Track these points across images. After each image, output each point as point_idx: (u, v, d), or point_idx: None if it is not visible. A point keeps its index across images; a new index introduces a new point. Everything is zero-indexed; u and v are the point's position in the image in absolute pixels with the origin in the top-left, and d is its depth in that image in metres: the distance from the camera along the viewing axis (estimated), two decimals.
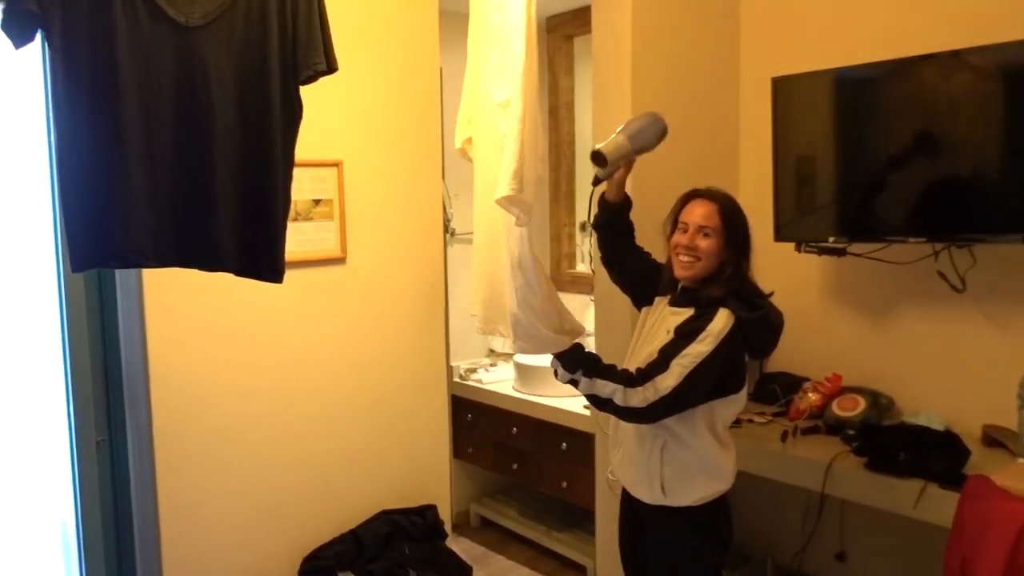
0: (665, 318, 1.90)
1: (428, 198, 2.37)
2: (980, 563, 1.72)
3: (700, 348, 1.73)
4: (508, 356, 3.80)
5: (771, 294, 1.88)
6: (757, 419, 2.68)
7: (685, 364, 1.72)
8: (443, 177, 2.69)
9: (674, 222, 1.92)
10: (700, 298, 1.83)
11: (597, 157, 1.90)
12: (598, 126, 2.85)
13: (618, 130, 1.96)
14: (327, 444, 2.20)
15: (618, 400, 1.75)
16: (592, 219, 2.13)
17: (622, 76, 2.72)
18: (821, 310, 2.88)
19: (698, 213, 1.86)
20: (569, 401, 3.19)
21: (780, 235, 2.69)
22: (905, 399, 2.63)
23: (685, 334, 1.77)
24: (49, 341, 1.94)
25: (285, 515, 2.13)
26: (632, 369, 1.82)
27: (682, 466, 1.85)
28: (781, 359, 2.98)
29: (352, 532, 2.18)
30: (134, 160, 1.30)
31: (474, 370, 3.71)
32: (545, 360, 3.48)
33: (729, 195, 1.92)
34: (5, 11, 1.23)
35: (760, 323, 1.79)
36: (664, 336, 1.83)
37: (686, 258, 1.85)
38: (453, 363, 3.70)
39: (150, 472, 1.91)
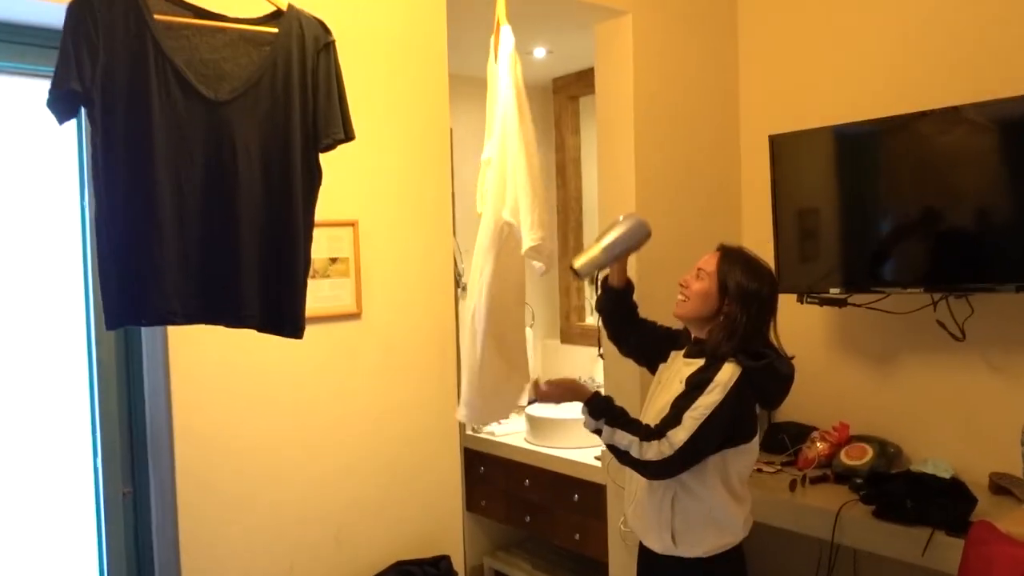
0: (679, 369, 1.95)
1: (439, 255, 2.45)
2: None
3: (709, 399, 1.77)
4: (520, 408, 3.84)
5: (792, 357, 1.91)
6: (766, 468, 2.71)
7: (696, 416, 1.76)
8: (454, 234, 2.78)
9: None
10: (707, 349, 1.89)
11: (573, 271, 2.01)
12: (603, 187, 2.96)
13: (598, 237, 2.05)
14: (343, 496, 2.24)
15: (634, 453, 1.79)
16: (596, 302, 2.21)
17: (625, 138, 2.84)
18: (827, 360, 2.92)
19: (703, 258, 1.95)
20: (581, 453, 3.22)
21: (781, 287, 2.75)
22: (913, 447, 2.65)
23: (694, 385, 1.82)
24: (78, 396, 2.02)
25: (302, 566, 2.16)
26: (648, 420, 1.88)
27: (692, 517, 1.87)
28: (789, 409, 3.00)
29: None
30: (167, 225, 1.39)
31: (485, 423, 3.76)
32: (557, 412, 3.54)
33: (741, 250, 1.96)
34: (51, 91, 1.35)
35: (765, 372, 1.83)
36: (678, 386, 1.87)
37: (679, 296, 1.95)
38: None
39: (173, 524, 1.96)
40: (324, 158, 1.63)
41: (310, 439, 2.19)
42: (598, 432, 1.88)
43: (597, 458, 3.06)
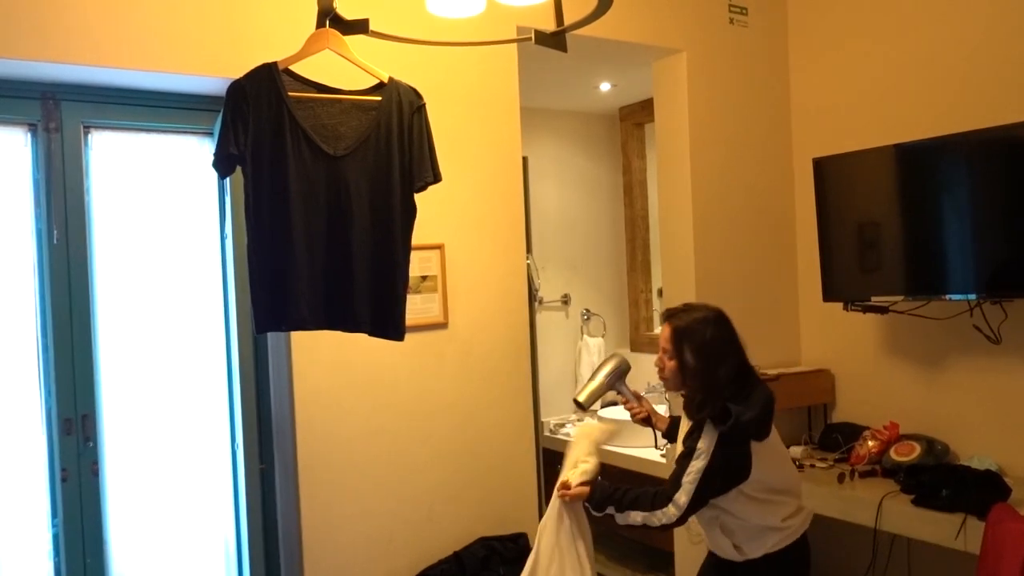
0: (683, 422, 2.19)
1: (514, 272, 2.80)
2: None
3: (698, 464, 2.02)
4: (592, 412, 4.13)
5: (773, 379, 2.09)
6: (819, 464, 2.92)
7: (691, 480, 2.02)
8: (531, 252, 3.13)
9: None
10: (689, 413, 2.11)
11: (578, 404, 2.35)
12: (663, 211, 3.24)
13: (591, 376, 2.41)
14: (434, 478, 2.61)
15: (650, 524, 2.06)
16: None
17: (682, 165, 3.12)
18: (877, 363, 3.09)
19: (661, 335, 2.15)
20: (647, 451, 3.50)
21: (832, 296, 2.97)
22: (960, 444, 2.80)
23: (686, 453, 2.07)
24: (219, 390, 2.48)
25: (399, 537, 2.53)
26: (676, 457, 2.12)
27: (744, 531, 2.11)
28: (842, 410, 3.22)
29: (455, 554, 2.56)
30: (299, 253, 1.81)
31: (563, 425, 4.07)
32: (626, 414, 3.81)
33: (683, 310, 2.12)
34: (215, 154, 1.80)
35: (735, 429, 2.01)
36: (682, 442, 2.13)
37: (660, 377, 2.17)
38: (544, 419, 4.06)
39: (294, 494, 2.37)
40: (417, 195, 2.01)
41: (405, 430, 2.56)
42: (609, 517, 2.11)
43: (662, 456, 3.32)
